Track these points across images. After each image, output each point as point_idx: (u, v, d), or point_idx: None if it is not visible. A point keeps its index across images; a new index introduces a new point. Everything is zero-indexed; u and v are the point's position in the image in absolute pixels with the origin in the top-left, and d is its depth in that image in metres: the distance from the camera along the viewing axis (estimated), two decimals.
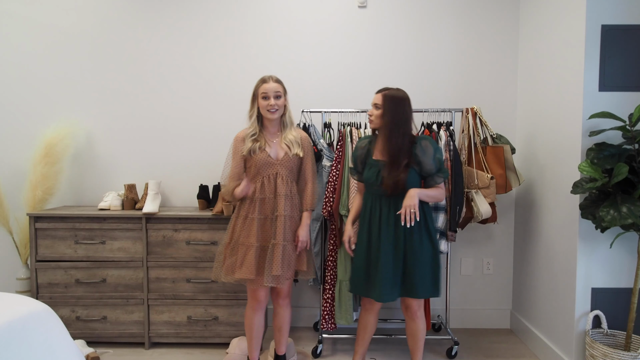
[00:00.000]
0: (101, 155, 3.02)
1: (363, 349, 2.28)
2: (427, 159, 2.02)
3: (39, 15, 2.95)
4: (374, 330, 2.26)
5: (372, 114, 2.08)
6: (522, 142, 2.90)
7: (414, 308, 2.13)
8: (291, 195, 2.17)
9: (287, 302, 2.28)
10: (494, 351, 2.71)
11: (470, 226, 2.96)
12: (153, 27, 2.98)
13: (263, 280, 2.10)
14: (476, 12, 2.96)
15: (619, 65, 2.16)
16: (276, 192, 2.13)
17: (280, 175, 2.14)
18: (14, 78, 2.98)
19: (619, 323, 2.23)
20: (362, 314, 2.23)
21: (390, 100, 2.03)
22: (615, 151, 2.03)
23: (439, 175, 2.05)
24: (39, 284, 2.65)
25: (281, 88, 2.15)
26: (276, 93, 2.11)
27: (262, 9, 2.97)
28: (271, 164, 2.13)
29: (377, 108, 2.06)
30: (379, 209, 2.07)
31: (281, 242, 2.10)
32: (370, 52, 2.99)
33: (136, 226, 2.64)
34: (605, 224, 1.92)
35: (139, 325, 2.68)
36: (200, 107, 3.01)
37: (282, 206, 2.12)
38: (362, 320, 2.23)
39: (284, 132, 2.20)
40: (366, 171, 2.12)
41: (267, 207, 2.14)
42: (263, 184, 2.13)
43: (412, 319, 2.15)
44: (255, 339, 2.27)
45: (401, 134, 2.01)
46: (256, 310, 2.22)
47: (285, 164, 2.15)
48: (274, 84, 2.13)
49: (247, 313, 2.25)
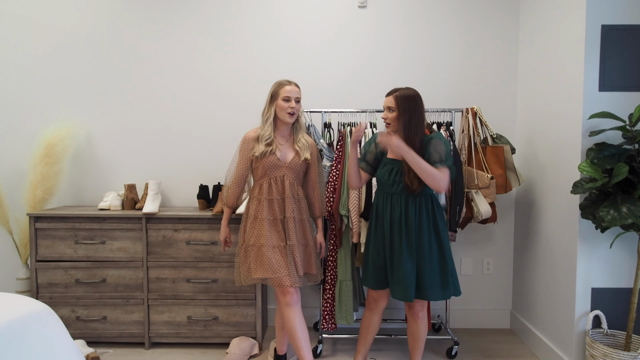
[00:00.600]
0: (101, 155, 3.02)
1: (365, 349, 2.28)
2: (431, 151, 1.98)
3: (39, 15, 2.95)
4: (377, 331, 2.26)
5: (386, 117, 2.06)
6: (522, 142, 2.90)
7: (416, 308, 2.12)
8: (298, 198, 2.18)
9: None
10: (494, 351, 2.71)
11: (470, 226, 2.96)
12: (153, 27, 2.98)
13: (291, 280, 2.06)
14: (476, 12, 2.96)
15: (619, 65, 2.16)
16: (284, 194, 2.14)
17: (287, 177, 2.15)
18: (14, 78, 2.98)
19: (619, 323, 2.23)
20: (366, 313, 2.23)
21: (404, 101, 2.01)
22: (615, 151, 2.03)
23: (442, 164, 1.97)
24: (39, 284, 2.65)
25: (300, 94, 2.18)
26: (297, 97, 2.14)
27: (263, 9, 2.97)
28: (279, 166, 2.14)
29: (391, 111, 2.04)
30: (390, 207, 2.08)
31: (296, 242, 2.12)
32: (370, 52, 2.99)
33: (136, 226, 2.64)
34: (605, 224, 1.92)
35: (139, 325, 2.68)
36: (201, 107, 3.01)
37: (291, 208, 2.13)
38: (366, 320, 2.23)
39: (296, 135, 2.21)
40: (380, 169, 2.13)
41: (275, 208, 2.14)
42: (270, 185, 2.14)
43: (414, 319, 2.15)
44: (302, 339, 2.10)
45: (417, 133, 2.01)
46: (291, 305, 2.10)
47: (293, 167, 2.16)
48: (296, 87, 2.16)
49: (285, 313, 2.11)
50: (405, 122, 2.00)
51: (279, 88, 2.14)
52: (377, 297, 2.18)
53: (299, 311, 2.13)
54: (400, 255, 2.02)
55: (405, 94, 2.02)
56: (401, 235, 2.04)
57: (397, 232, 2.05)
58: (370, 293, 2.20)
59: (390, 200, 2.08)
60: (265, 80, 2.92)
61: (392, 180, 2.05)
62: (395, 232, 2.05)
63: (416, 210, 2.04)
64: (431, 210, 2.05)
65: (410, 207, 2.03)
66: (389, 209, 2.08)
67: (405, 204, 2.04)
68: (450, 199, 2.50)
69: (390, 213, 2.07)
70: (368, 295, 2.22)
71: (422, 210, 2.04)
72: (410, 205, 2.04)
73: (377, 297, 2.18)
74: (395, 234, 2.05)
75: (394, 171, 2.06)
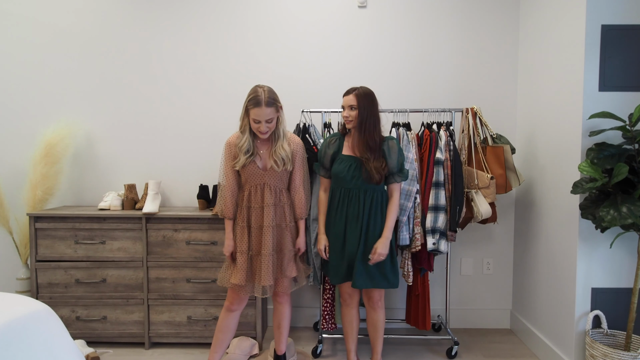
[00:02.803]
0: (101, 155, 3.02)
1: (354, 345, 2.33)
2: (392, 158, 2.15)
3: (39, 14, 2.95)
4: (359, 325, 2.33)
5: (349, 115, 2.14)
6: (522, 142, 2.90)
7: (375, 298, 2.24)
8: (280, 204, 2.16)
9: (286, 299, 2.28)
10: (494, 351, 2.71)
11: (470, 226, 2.96)
12: (153, 28, 2.98)
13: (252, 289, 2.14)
14: (476, 12, 2.96)
15: (619, 65, 2.16)
16: (263, 202, 2.12)
17: (267, 185, 2.13)
18: (14, 78, 2.98)
19: (619, 323, 2.23)
20: (345, 310, 2.30)
21: (365, 98, 2.12)
22: (615, 151, 2.03)
23: (399, 175, 2.18)
24: (39, 284, 2.65)
25: (274, 112, 2.03)
26: (268, 119, 2.02)
27: (263, 9, 2.97)
28: (259, 174, 2.12)
29: (353, 109, 2.13)
30: (347, 201, 2.17)
31: (268, 252, 2.11)
32: (370, 52, 2.99)
33: (136, 226, 2.64)
34: (605, 224, 1.92)
35: (139, 325, 2.68)
36: (201, 107, 3.01)
37: (270, 217, 2.12)
38: (347, 317, 2.30)
39: (275, 145, 2.12)
40: (336, 165, 2.20)
41: (254, 216, 2.14)
42: (250, 194, 2.14)
43: (373, 308, 2.26)
44: (222, 340, 2.22)
45: (377, 128, 2.13)
46: (232, 311, 2.21)
47: (273, 175, 2.13)
48: (267, 109, 1.99)
49: (223, 314, 2.22)
50: (365, 118, 2.11)
51: (250, 105, 2.02)
52: (350, 292, 2.26)
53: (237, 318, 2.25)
54: (356, 247, 2.15)
55: (366, 92, 2.14)
56: (356, 227, 2.15)
57: (354, 225, 2.16)
58: (343, 288, 2.26)
59: (347, 195, 2.17)
60: (266, 80, 2.93)
61: (352, 175, 2.14)
62: (351, 225, 2.16)
63: (372, 204, 2.16)
64: (385, 203, 2.20)
65: (367, 200, 2.15)
66: (345, 203, 2.17)
67: (363, 198, 2.15)
68: (450, 199, 2.50)
69: (347, 207, 2.17)
70: (342, 292, 2.28)
71: (377, 203, 2.17)
72: (367, 199, 2.15)
73: (351, 292, 2.25)
74: (351, 227, 2.16)
75: (353, 166, 2.15)
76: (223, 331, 2.22)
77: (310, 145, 2.58)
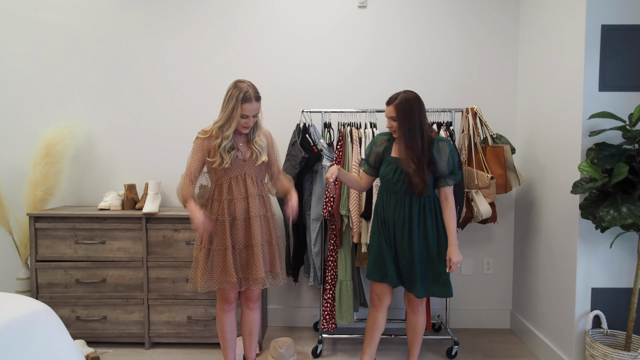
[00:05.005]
0: (101, 155, 3.02)
1: (371, 349, 2.27)
2: (442, 161, 2.05)
3: (39, 15, 2.95)
4: (383, 329, 2.26)
5: (391, 126, 2.10)
6: (522, 142, 2.90)
7: (416, 302, 2.20)
8: (262, 195, 2.14)
9: (257, 306, 2.25)
10: (494, 351, 2.71)
11: (470, 226, 2.96)
12: (153, 28, 2.98)
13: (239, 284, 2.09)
14: (476, 12, 2.96)
15: (619, 65, 2.16)
16: (247, 192, 2.08)
17: (249, 175, 2.09)
18: (15, 78, 2.98)
19: (619, 323, 2.23)
20: (371, 312, 2.25)
21: (404, 109, 2.02)
22: (615, 151, 2.03)
23: (451, 178, 2.09)
24: (39, 284, 2.65)
25: (260, 106, 2.06)
26: (256, 113, 2.04)
27: (263, 9, 2.97)
28: (239, 165, 2.08)
29: (394, 120, 2.06)
30: (393, 205, 2.12)
31: (258, 243, 2.07)
32: (370, 52, 2.99)
33: (136, 226, 2.64)
34: (605, 224, 1.92)
35: (139, 325, 2.68)
36: (200, 107, 3.01)
37: (256, 206, 2.09)
38: (371, 319, 2.24)
39: (254, 135, 2.11)
40: (383, 167, 2.15)
41: (235, 208, 2.06)
42: (230, 185, 2.07)
43: (414, 312, 2.23)
44: (230, 340, 2.23)
45: (420, 136, 2.03)
46: (228, 311, 2.19)
47: (252, 165, 2.10)
48: (257, 103, 2.02)
49: (219, 316, 2.20)
50: (406, 130, 2.03)
51: (239, 100, 1.98)
52: (380, 294, 2.20)
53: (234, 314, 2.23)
54: (407, 253, 2.09)
55: (403, 100, 2.03)
56: (404, 232, 2.09)
57: (400, 230, 2.10)
58: (374, 289, 2.22)
59: (394, 198, 2.12)
60: (266, 80, 2.93)
61: (397, 179, 2.08)
62: (398, 230, 2.11)
63: (420, 210, 2.09)
64: (434, 211, 2.12)
65: (415, 206, 2.08)
66: (392, 206, 2.12)
67: (409, 203, 2.09)
68: None
69: (394, 211, 2.12)
70: (372, 292, 2.24)
71: (425, 210, 2.09)
72: (414, 205, 2.08)
73: (381, 294, 2.20)
74: (398, 232, 2.11)
75: (399, 170, 2.08)
76: (227, 331, 2.21)
77: (310, 145, 2.58)
